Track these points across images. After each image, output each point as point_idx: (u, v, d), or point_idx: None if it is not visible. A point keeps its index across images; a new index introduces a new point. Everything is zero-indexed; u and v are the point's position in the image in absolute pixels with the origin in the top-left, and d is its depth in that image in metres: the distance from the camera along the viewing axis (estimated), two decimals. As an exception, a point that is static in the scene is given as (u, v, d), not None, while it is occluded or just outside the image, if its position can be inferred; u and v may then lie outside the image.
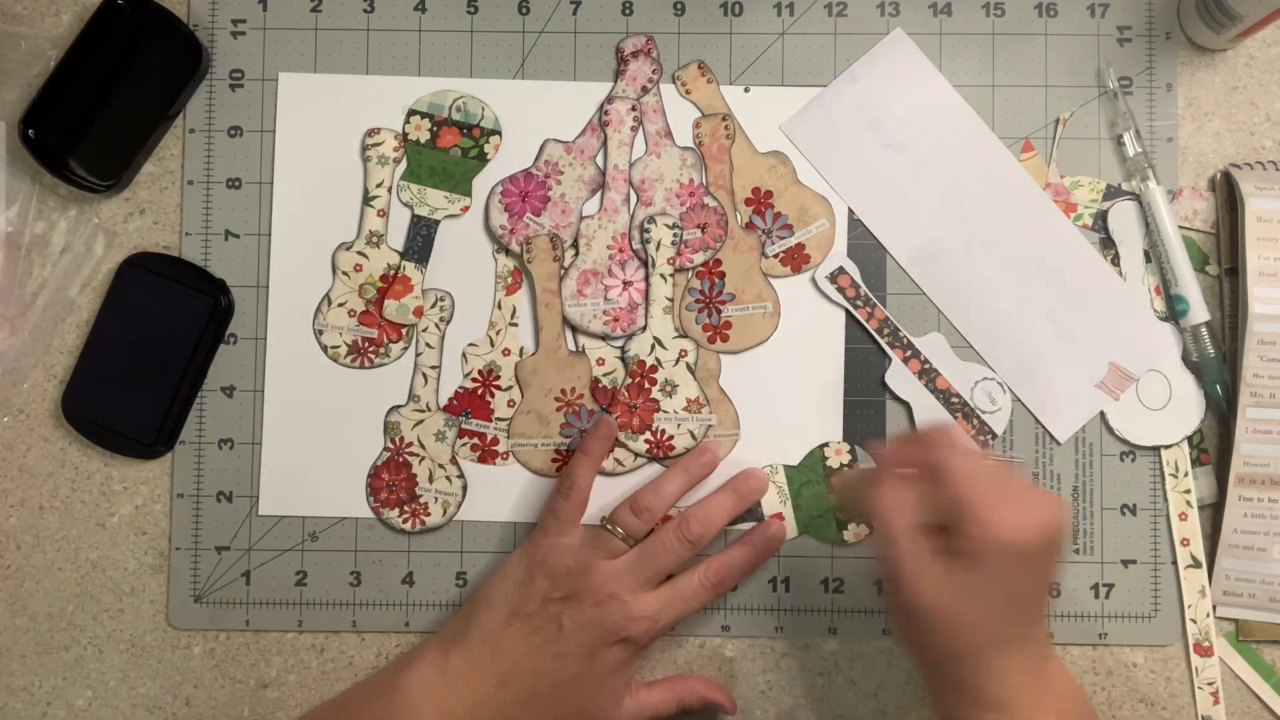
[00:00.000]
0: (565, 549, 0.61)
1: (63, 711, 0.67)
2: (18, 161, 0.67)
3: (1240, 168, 0.66)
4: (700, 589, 0.62)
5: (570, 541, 0.61)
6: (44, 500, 0.67)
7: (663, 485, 0.64)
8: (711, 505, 0.63)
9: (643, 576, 0.60)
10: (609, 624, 0.59)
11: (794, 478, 0.66)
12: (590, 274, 0.67)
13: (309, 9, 0.68)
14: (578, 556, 0.61)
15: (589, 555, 0.61)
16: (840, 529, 0.66)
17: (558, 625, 0.59)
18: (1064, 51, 0.68)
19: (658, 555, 0.61)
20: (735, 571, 0.63)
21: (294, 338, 0.67)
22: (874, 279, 0.67)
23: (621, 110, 0.67)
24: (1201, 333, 0.65)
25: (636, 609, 0.60)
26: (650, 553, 0.61)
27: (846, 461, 0.66)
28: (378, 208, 0.67)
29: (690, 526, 0.62)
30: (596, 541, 0.61)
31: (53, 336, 0.67)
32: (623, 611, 0.59)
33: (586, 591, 0.59)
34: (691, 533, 0.62)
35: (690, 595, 0.62)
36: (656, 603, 0.60)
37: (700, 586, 0.62)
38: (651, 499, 0.63)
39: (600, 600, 0.59)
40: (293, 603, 0.67)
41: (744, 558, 0.63)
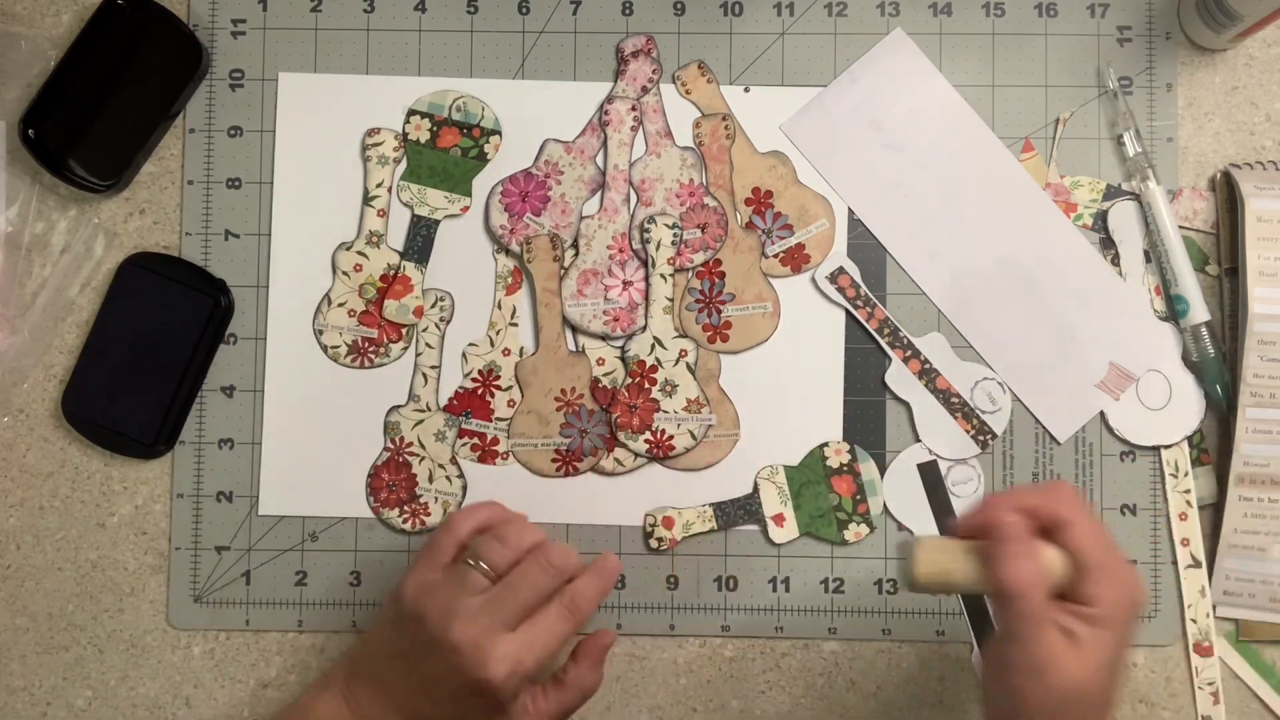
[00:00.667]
0: (427, 589, 0.58)
1: (63, 711, 0.67)
2: (18, 161, 0.67)
3: (1240, 168, 0.66)
4: (557, 620, 0.58)
5: (434, 580, 0.58)
6: (44, 500, 0.67)
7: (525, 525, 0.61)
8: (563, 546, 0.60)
9: (503, 617, 0.56)
10: (466, 671, 0.56)
11: (794, 478, 0.66)
12: (590, 274, 0.67)
13: (309, 9, 0.68)
14: (438, 598, 0.57)
15: (449, 593, 0.57)
16: (841, 528, 0.66)
17: (426, 669, 0.57)
18: (1064, 51, 0.68)
19: (521, 589, 0.57)
20: (591, 599, 0.59)
21: (294, 338, 0.67)
22: (874, 279, 0.67)
23: (621, 110, 0.67)
24: (1201, 333, 0.65)
25: (494, 653, 0.56)
26: (512, 587, 0.57)
27: (846, 461, 0.66)
28: (378, 208, 0.67)
29: (551, 556, 0.58)
30: (456, 577, 0.58)
31: (53, 336, 0.67)
32: (479, 657, 0.55)
33: (441, 641, 0.56)
34: (553, 561, 0.58)
35: (551, 628, 0.58)
36: (516, 643, 0.56)
37: (559, 618, 0.58)
38: (512, 531, 0.59)
39: (452, 650, 0.56)
40: (293, 603, 0.67)
41: (595, 585, 0.60)
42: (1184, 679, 0.66)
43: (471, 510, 0.61)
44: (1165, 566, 0.66)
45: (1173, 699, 0.66)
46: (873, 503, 0.66)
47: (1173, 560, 0.66)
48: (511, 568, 0.58)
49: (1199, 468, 0.66)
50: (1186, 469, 0.66)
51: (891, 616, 0.66)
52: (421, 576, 0.58)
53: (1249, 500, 0.65)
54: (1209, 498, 0.66)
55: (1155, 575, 0.66)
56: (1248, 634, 0.66)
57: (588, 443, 0.67)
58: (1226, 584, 0.65)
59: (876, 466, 0.66)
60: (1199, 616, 0.65)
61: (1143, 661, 0.66)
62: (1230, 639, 0.66)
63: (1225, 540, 0.65)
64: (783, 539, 0.66)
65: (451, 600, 0.57)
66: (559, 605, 0.58)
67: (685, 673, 0.66)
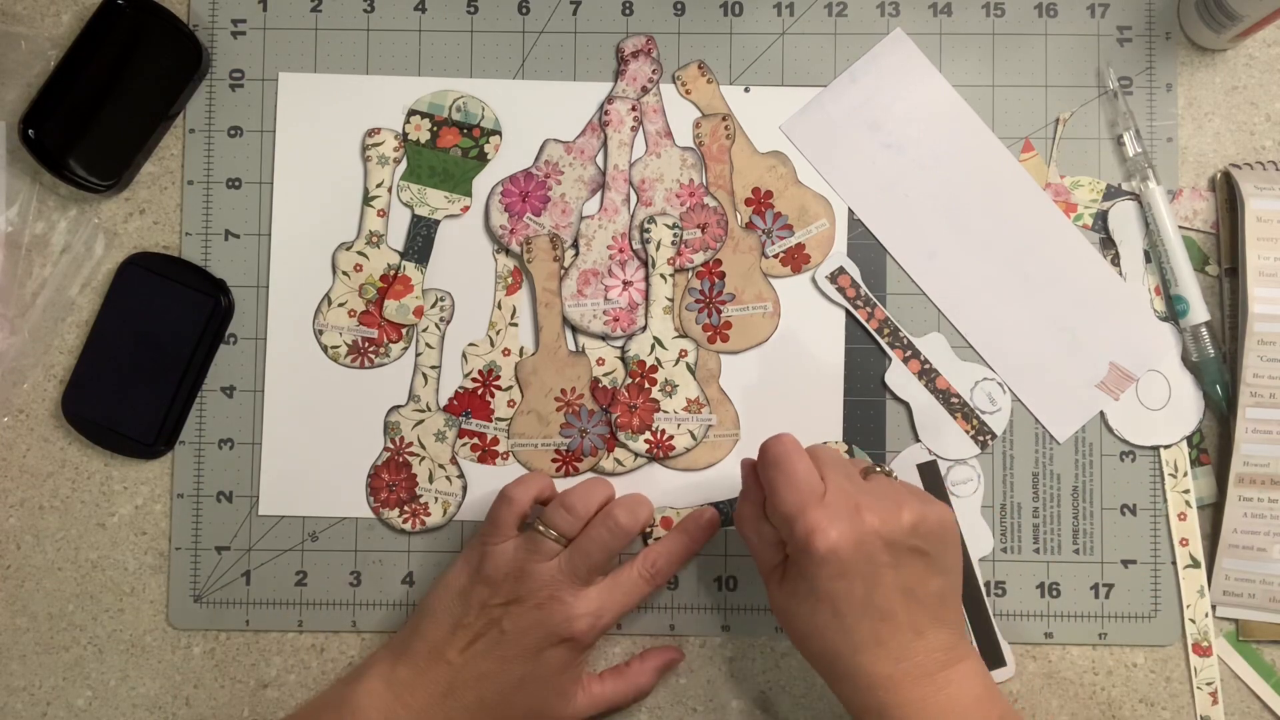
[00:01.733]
0: (501, 554, 0.61)
1: (63, 711, 0.67)
2: (18, 161, 0.67)
3: (1240, 168, 0.66)
4: (639, 580, 0.62)
5: (505, 547, 0.61)
6: (44, 500, 0.67)
7: (591, 488, 0.63)
8: (636, 498, 0.63)
9: (579, 574, 0.60)
10: (551, 624, 0.59)
11: None
12: (590, 274, 0.67)
13: (309, 9, 0.68)
14: (514, 561, 0.60)
15: (525, 559, 0.60)
16: None
17: (500, 631, 0.59)
18: (1064, 51, 0.68)
19: (589, 550, 0.61)
20: (673, 560, 0.63)
21: (294, 338, 0.67)
22: (874, 279, 0.67)
23: (621, 110, 0.67)
24: (1201, 333, 0.65)
25: (577, 607, 0.60)
26: (581, 549, 0.61)
27: None
28: (378, 208, 0.67)
29: (617, 516, 0.61)
30: (530, 545, 0.61)
31: (53, 336, 0.67)
32: (563, 611, 0.59)
33: (526, 595, 0.59)
34: (619, 521, 0.61)
35: (629, 588, 0.62)
36: (596, 599, 0.61)
37: (639, 578, 0.62)
38: (579, 498, 0.62)
39: (540, 602, 0.59)
40: (293, 603, 0.67)
41: (679, 545, 0.64)
42: (1183, 679, 0.66)
43: (525, 481, 0.63)
44: (1165, 567, 0.66)
45: (1172, 699, 0.66)
46: None
47: (1172, 560, 0.66)
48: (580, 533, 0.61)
49: (1198, 468, 0.66)
50: (1186, 469, 0.66)
51: (891, 616, 0.66)
52: (491, 546, 0.61)
53: (1249, 500, 0.65)
54: (1208, 498, 0.66)
55: (1155, 575, 0.66)
56: (1247, 634, 0.66)
57: (588, 443, 0.67)
58: (1226, 584, 0.65)
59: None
60: (1198, 616, 0.65)
61: (1142, 661, 0.66)
62: (1230, 639, 0.66)
63: (1225, 540, 0.65)
64: None
65: (529, 563, 0.60)
66: (640, 565, 0.62)
67: (685, 673, 0.66)
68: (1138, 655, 0.66)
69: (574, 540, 0.61)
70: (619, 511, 0.62)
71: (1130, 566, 0.66)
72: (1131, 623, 0.66)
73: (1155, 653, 0.66)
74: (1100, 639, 0.66)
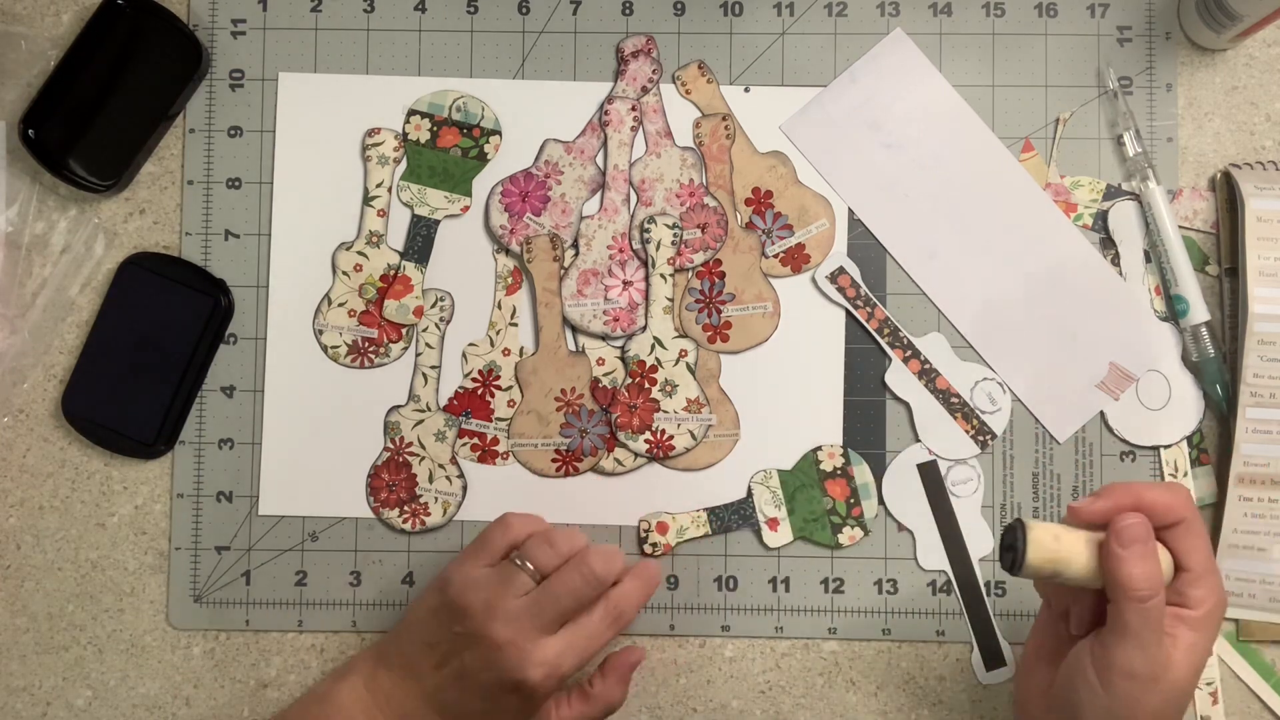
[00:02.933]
0: (474, 583, 0.59)
1: (63, 711, 0.67)
2: (18, 161, 0.67)
3: (1240, 168, 0.66)
4: (600, 625, 0.60)
5: (479, 576, 0.59)
6: (44, 500, 0.67)
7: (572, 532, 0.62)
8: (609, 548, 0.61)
9: (544, 620, 0.58)
10: (505, 669, 0.57)
11: (788, 482, 0.66)
12: (590, 274, 0.67)
13: (309, 9, 0.68)
14: (483, 591, 0.58)
15: (495, 591, 0.58)
16: (835, 532, 0.66)
17: (461, 662, 0.58)
18: (1064, 51, 0.68)
19: (560, 595, 0.58)
20: (634, 603, 0.61)
21: (294, 338, 0.67)
22: (874, 279, 0.67)
23: (621, 110, 0.67)
24: (1201, 333, 0.65)
25: (534, 655, 0.57)
26: (551, 593, 0.59)
27: (840, 465, 0.66)
28: (378, 208, 0.67)
29: (592, 563, 0.59)
30: (503, 576, 0.59)
31: (53, 336, 0.67)
32: (519, 657, 0.57)
33: (483, 636, 0.58)
34: (594, 568, 0.59)
35: (593, 633, 0.59)
36: (556, 647, 0.58)
37: (600, 623, 0.60)
38: (562, 537, 0.61)
39: (499, 644, 0.57)
40: (293, 603, 0.67)
41: (638, 590, 0.61)
42: (1184, 679, 0.66)
43: (528, 516, 0.63)
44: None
45: (1172, 699, 0.66)
46: (866, 506, 0.66)
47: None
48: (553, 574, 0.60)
49: (1199, 468, 0.66)
50: (1186, 469, 0.66)
51: (891, 616, 0.66)
52: (469, 571, 0.60)
53: (1249, 500, 0.65)
54: (1209, 498, 0.66)
55: (1155, 575, 0.66)
56: (1248, 634, 0.66)
57: (588, 443, 0.67)
58: (1226, 584, 0.65)
59: (870, 469, 0.66)
60: (1199, 616, 0.65)
61: (1142, 661, 0.66)
62: (1230, 639, 0.66)
63: (1225, 540, 0.65)
64: (777, 543, 0.66)
65: (497, 598, 0.58)
66: (602, 610, 0.60)
67: (685, 673, 0.66)
68: (1138, 655, 0.66)
69: (545, 581, 0.59)
70: (594, 559, 0.59)
71: (1130, 566, 0.66)
72: (1131, 623, 0.66)
73: (1155, 653, 0.66)
74: (1100, 639, 0.66)
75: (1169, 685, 0.51)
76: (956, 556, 0.66)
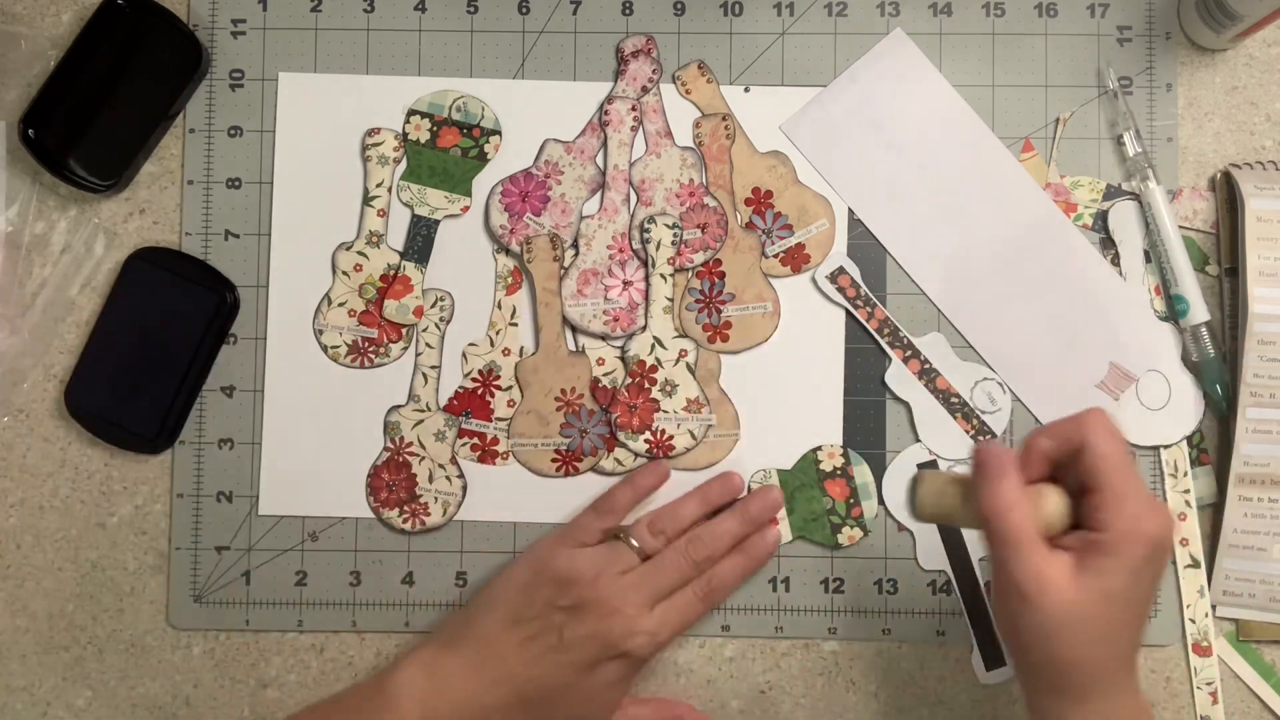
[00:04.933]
0: (580, 557, 0.61)
1: (63, 711, 0.67)
2: (18, 161, 0.67)
3: (1240, 168, 0.66)
4: (694, 600, 0.62)
5: (586, 551, 0.61)
6: (44, 500, 0.67)
7: (680, 509, 0.64)
8: (720, 528, 0.63)
9: (647, 594, 0.60)
10: (611, 638, 0.59)
11: (788, 482, 0.66)
12: (590, 274, 0.67)
13: (309, 9, 0.68)
14: (591, 566, 0.60)
15: (604, 566, 0.60)
16: (834, 532, 0.66)
17: (558, 634, 0.59)
18: (1064, 51, 0.68)
19: (664, 574, 0.61)
20: (729, 582, 0.63)
21: (294, 338, 0.67)
22: (874, 279, 0.67)
23: (621, 110, 0.67)
24: (1201, 333, 0.65)
25: (640, 624, 0.60)
26: (658, 571, 0.61)
27: (840, 465, 0.66)
28: (378, 208, 0.67)
29: (697, 548, 0.62)
30: (611, 553, 0.61)
31: (53, 336, 0.67)
32: (625, 626, 0.59)
33: (592, 603, 0.59)
34: (698, 554, 0.62)
35: (685, 608, 0.62)
36: (656, 619, 0.60)
37: (694, 599, 0.62)
38: (669, 521, 0.63)
39: (605, 614, 0.59)
40: (293, 603, 0.67)
41: (737, 566, 0.63)
42: (1183, 679, 0.66)
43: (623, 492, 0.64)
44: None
45: (1172, 699, 0.66)
46: (866, 506, 0.66)
47: (1172, 560, 0.66)
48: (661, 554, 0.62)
49: (1198, 468, 0.66)
50: (1186, 469, 0.66)
51: (891, 616, 0.66)
52: (571, 548, 0.62)
53: (1249, 500, 0.65)
54: (1208, 498, 0.66)
55: (1155, 575, 0.66)
56: (1247, 634, 0.66)
57: (588, 443, 0.67)
58: (1226, 584, 0.65)
59: (870, 469, 0.66)
60: (1198, 616, 0.65)
61: (1142, 661, 0.66)
62: (1230, 639, 0.66)
63: (1225, 540, 0.65)
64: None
65: (606, 570, 0.60)
66: (698, 587, 0.62)
67: (685, 673, 0.66)
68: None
69: (652, 561, 0.62)
70: (701, 545, 0.62)
71: (1130, 566, 0.66)
72: (1131, 623, 0.66)
73: (1155, 652, 0.66)
74: (1100, 639, 0.66)
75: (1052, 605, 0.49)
76: (956, 556, 0.66)
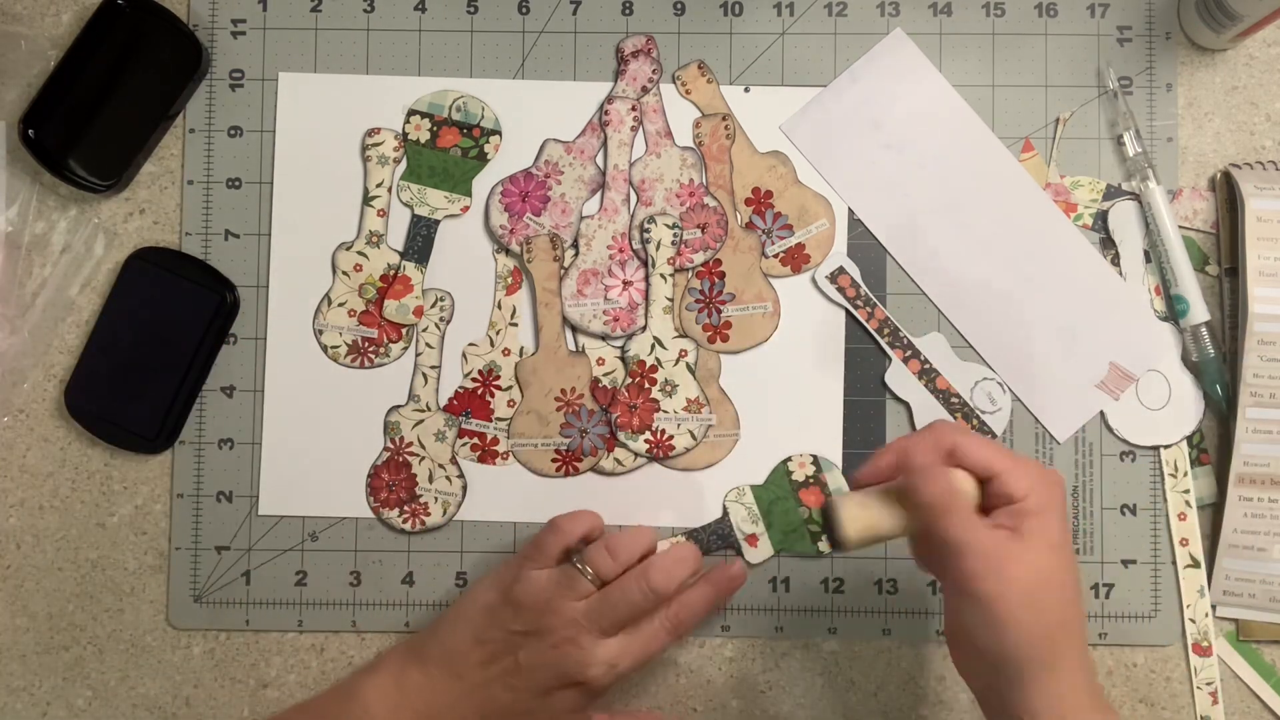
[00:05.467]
0: (535, 581, 0.60)
1: (63, 711, 0.67)
2: (18, 161, 0.67)
3: (1240, 168, 0.67)
4: (660, 632, 0.61)
5: (541, 575, 0.60)
6: (44, 500, 0.67)
7: (638, 535, 0.62)
8: (678, 556, 0.61)
9: (603, 623, 0.59)
10: (564, 666, 0.58)
11: (762, 496, 0.66)
12: (590, 274, 0.67)
13: (309, 9, 0.68)
14: (545, 592, 0.59)
15: (556, 592, 0.59)
16: (815, 541, 0.66)
17: (515, 660, 0.59)
18: (1064, 51, 0.68)
19: (619, 603, 0.59)
20: (696, 613, 0.62)
21: (294, 338, 0.67)
22: (874, 279, 0.67)
23: (621, 110, 0.67)
24: (1201, 333, 0.65)
25: (595, 654, 0.59)
26: (610, 601, 0.59)
27: (811, 473, 0.66)
28: (378, 208, 0.67)
29: (652, 577, 0.60)
30: (565, 579, 0.60)
31: (53, 336, 0.67)
32: (579, 656, 0.58)
33: (546, 631, 0.59)
34: (653, 584, 0.60)
35: (649, 639, 0.60)
36: (615, 649, 0.59)
37: (660, 630, 0.61)
38: (623, 545, 0.61)
39: (558, 642, 0.59)
40: (293, 603, 0.67)
41: (705, 598, 0.62)
42: (1183, 679, 0.66)
43: (577, 516, 0.63)
44: (1165, 566, 0.66)
45: (1172, 699, 0.66)
46: None
47: (1172, 560, 0.66)
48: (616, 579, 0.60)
49: (1198, 468, 0.66)
50: (1186, 469, 0.66)
51: (891, 616, 0.66)
52: (529, 571, 0.60)
53: (1249, 500, 0.65)
54: (1208, 498, 0.66)
55: (1155, 575, 0.66)
56: (1247, 634, 0.66)
57: (588, 443, 0.67)
58: (1226, 584, 0.65)
59: (842, 474, 0.66)
60: (1198, 616, 0.65)
61: (1142, 662, 0.66)
62: (1230, 639, 0.66)
63: (1225, 540, 0.65)
64: (758, 559, 0.66)
65: (558, 599, 0.59)
66: (663, 618, 0.61)
67: (685, 673, 0.66)
68: (1138, 655, 0.66)
69: (606, 587, 0.60)
70: (655, 574, 0.60)
71: (1130, 566, 0.66)
72: (1132, 622, 0.66)
73: (1155, 653, 0.66)
74: (1100, 639, 0.66)
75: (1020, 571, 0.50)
76: (956, 556, 0.66)
